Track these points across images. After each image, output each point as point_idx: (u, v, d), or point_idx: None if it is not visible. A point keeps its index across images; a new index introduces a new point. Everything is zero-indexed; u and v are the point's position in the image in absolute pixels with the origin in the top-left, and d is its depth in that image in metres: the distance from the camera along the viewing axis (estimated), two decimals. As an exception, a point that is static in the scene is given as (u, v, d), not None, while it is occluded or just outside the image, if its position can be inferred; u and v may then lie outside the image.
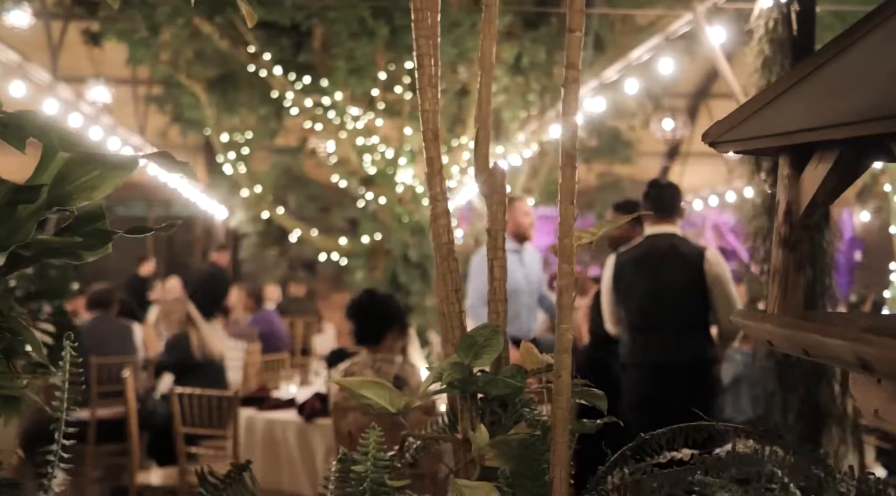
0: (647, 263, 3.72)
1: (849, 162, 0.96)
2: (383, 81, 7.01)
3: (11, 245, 0.89)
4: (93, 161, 0.91)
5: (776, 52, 3.09)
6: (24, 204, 0.87)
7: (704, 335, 3.63)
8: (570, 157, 1.00)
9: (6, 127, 0.99)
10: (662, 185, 4.05)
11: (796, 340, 0.96)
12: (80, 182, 0.91)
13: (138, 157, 0.92)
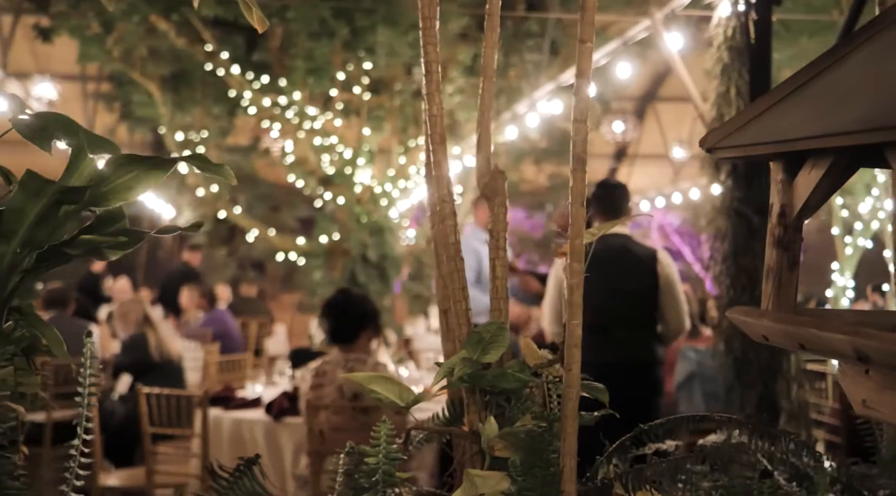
0: (601, 264, 3.78)
1: (841, 168, 1.03)
2: (342, 82, 7.02)
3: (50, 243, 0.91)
4: (131, 163, 0.93)
5: (734, 59, 3.20)
6: (69, 204, 0.89)
7: (653, 335, 3.73)
8: (581, 161, 1.05)
9: (31, 128, 1.01)
10: (611, 185, 4.09)
11: (793, 335, 1.02)
12: (117, 183, 0.93)
13: (175, 160, 0.95)
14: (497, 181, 1.30)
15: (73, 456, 1.14)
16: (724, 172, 3.15)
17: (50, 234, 0.91)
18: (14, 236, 0.88)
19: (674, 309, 3.61)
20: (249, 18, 1.44)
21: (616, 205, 3.87)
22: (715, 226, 3.18)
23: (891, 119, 0.86)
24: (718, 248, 3.14)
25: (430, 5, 1.25)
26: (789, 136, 1.03)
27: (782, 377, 3.08)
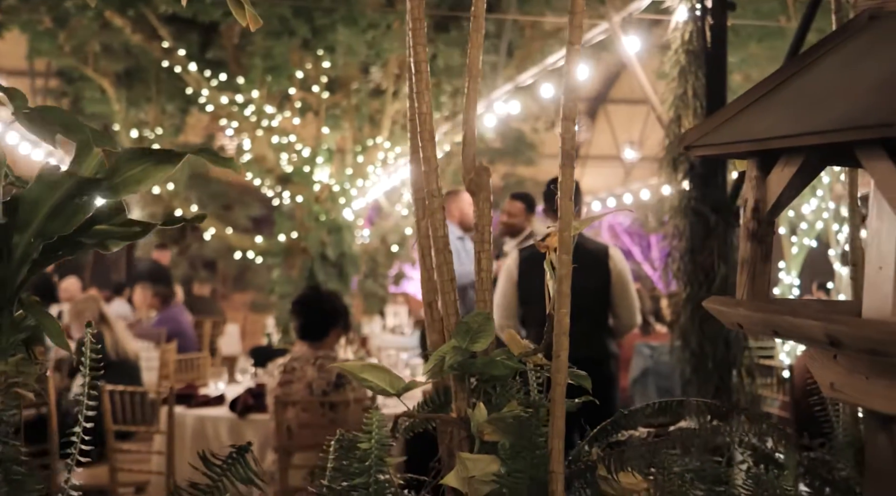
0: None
1: (812, 165, 1.10)
2: (300, 80, 7.01)
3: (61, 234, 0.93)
4: (142, 156, 0.96)
5: (691, 62, 3.29)
6: (84, 196, 0.91)
7: (606, 330, 3.80)
8: (570, 157, 1.10)
9: (33, 122, 1.03)
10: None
11: (768, 322, 1.08)
12: (127, 175, 0.96)
13: (184, 153, 0.98)
14: (482, 177, 1.34)
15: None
16: (681, 172, 3.24)
17: (62, 225, 0.93)
18: (28, 227, 0.91)
19: (626, 304, 3.69)
20: (239, 17, 1.46)
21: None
22: (673, 224, 3.27)
23: (861, 120, 0.92)
24: (676, 246, 3.23)
25: (419, 6, 1.29)
26: (764, 136, 1.09)
27: (737, 371, 3.18)
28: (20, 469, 1.05)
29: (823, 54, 1.12)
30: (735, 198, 3.16)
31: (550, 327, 1.29)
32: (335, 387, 3.21)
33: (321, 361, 3.28)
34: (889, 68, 0.97)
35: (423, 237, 1.36)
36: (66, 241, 0.94)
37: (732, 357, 3.17)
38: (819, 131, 0.99)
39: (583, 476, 1.22)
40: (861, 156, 0.98)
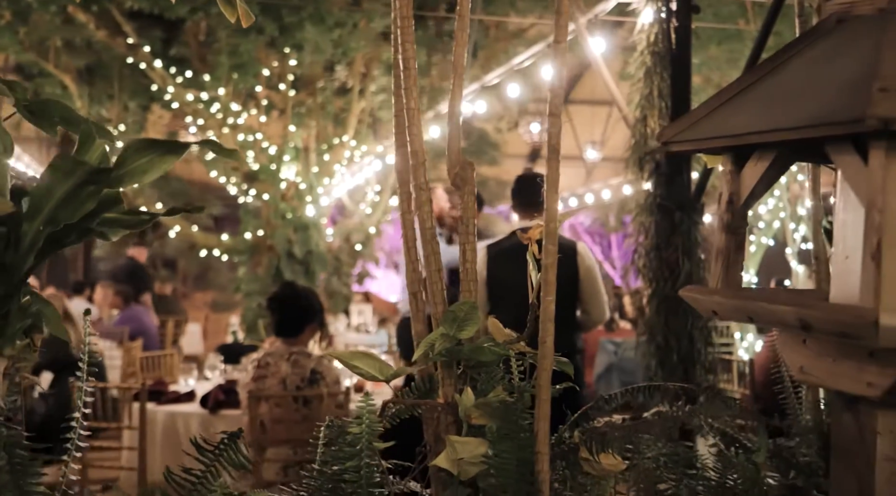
0: (519, 256, 3.85)
1: (784, 160, 1.16)
2: (267, 78, 7.00)
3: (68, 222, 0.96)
4: (148, 147, 0.99)
5: (656, 64, 3.37)
6: (95, 185, 0.94)
7: (574, 325, 3.86)
8: (555, 151, 1.15)
9: (34, 114, 1.06)
10: (530, 178, 4.11)
11: (743, 309, 1.14)
12: (134, 166, 0.99)
13: (188, 144, 1.01)
14: (467, 171, 1.38)
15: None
16: (647, 171, 3.32)
17: (71, 214, 0.96)
18: (38, 215, 0.93)
19: (595, 300, 3.75)
20: (228, 13, 1.49)
21: (535, 198, 3.91)
22: (639, 221, 3.34)
23: (831, 117, 0.99)
24: (642, 243, 3.30)
25: (407, 5, 1.33)
26: (738, 132, 1.15)
27: (700, 364, 3.27)
28: (24, 454, 1.07)
29: (794, 55, 1.18)
30: (699, 195, 3.25)
31: (534, 316, 1.34)
32: (309, 382, 3.23)
33: (295, 357, 3.30)
34: (856, 68, 1.04)
35: (409, 229, 1.40)
36: (71, 229, 0.96)
37: (696, 351, 3.26)
38: (791, 128, 1.05)
39: (565, 457, 1.27)
40: (831, 151, 1.04)
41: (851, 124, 0.94)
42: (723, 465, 1.47)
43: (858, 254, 1.01)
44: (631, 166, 3.40)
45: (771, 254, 8.25)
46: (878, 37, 1.05)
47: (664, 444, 1.43)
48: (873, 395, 1.07)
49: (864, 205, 0.98)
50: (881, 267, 0.95)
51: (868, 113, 0.90)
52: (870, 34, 1.08)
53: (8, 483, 1.03)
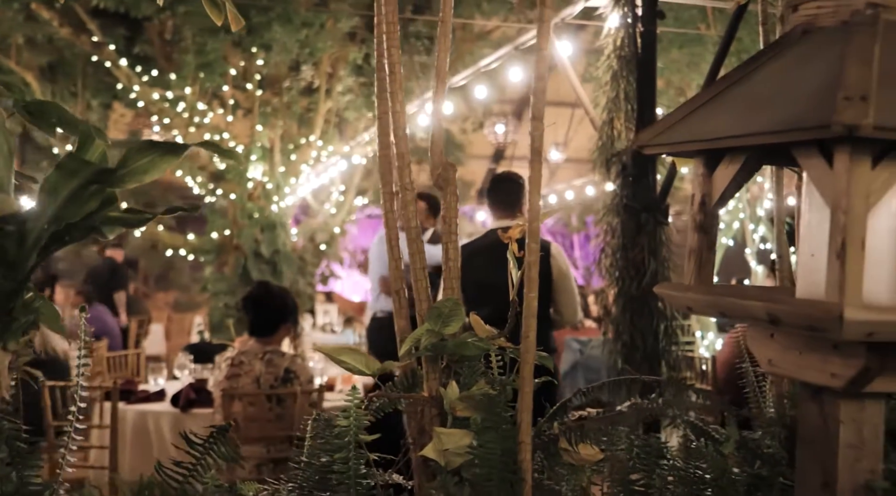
0: (494, 256, 3.91)
1: (753, 163, 1.22)
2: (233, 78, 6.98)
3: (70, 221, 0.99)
4: (149, 148, 1.02)
5: (623, 67, 3.44)
6: (100, 184, 0.97)
7: (548, 324, 3.92)
8: (538, 153, 1.20)
9: (33, 114, 1.09)
10: (505, 178, 4.13)
11: (715, 304, 1.20)
12: (135, 166, 1.02)
13: (187, 146, 1.05)
14: (448, 173, 1.43)
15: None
16: (614, 172, 3.39)
17: (75, 213, 0.99)
18: (44, 213, 0.96)
19: (568, 300, 3.81)
20: (214, 17, 1.52)
21: (510, 197, 3.95)
22: (605, 221, 3.41)
23: (799, 122, 1.05)
24: (609, 243, 3.37)
25: (393, 11, 1.37)
26: (710, 136, 1.21)
27: (665, 361, 3.34)
28: (23, 446, 1.10)
29: (763, 63, 1.24)
30: (664, 197, 3.33)
31: (514, 313, 1.39)
32: (283, 381, 3.26)
33: (269, 356, 3.32)
34: (821, 78, 1.10)
35: (392, 229, 1.44)
36: (75, 228, 0.99)
37: (661, 349, 3.33)
38: (761, 132, 1.11)
39: (545, 448, 1.32)
40: (798, 155, 1.11)
41: (818, 130, 1.00)
42: (693, 456, 1.53)
43: (824, 253, 1.07)
44: (598, 167, 3.46)
45: (730, 254, 8.41)
46: (840, 48, 1.11)
47: (637, 436, 1.49)
48: (837, 386, 1.14)
49: (829, 206, 1.04)
50: (845, 265, 1.01)
51: (834, 120, 0.96)
52: (833, 45, 1.14)
53: (9, 475, 1.05)
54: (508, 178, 4.15)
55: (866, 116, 0.96)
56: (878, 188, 1.04)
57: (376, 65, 1.48)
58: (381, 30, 1.41)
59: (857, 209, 1.01)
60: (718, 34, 6.48)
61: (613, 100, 3.44)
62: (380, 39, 1.45)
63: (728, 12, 5.25)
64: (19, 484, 1.06)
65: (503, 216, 3.99)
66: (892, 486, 1.16)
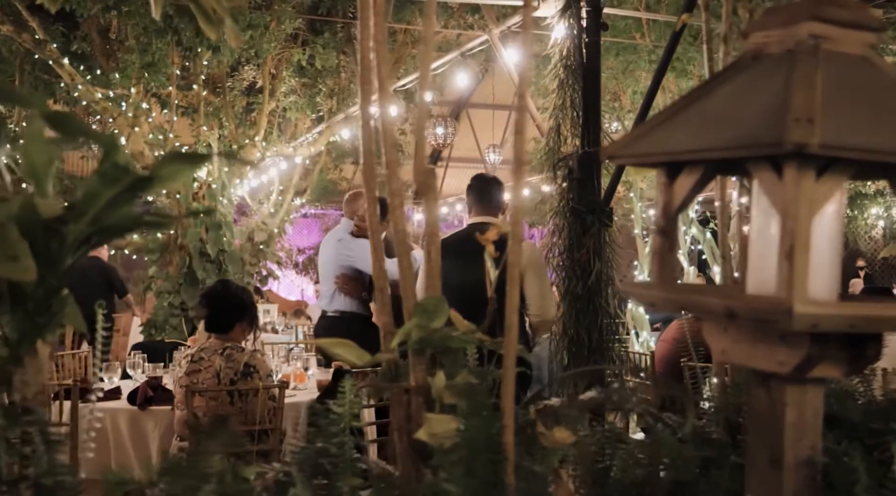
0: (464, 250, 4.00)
1: (710, 174, 1.37)
2: (179, 79, 6.96)
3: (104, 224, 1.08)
4: (176, 158, 1.12)
5: (569, 76, 3.61)
6: (138, 191, 1.06)
7: (521, 321, 4.04)
8: (522, 162, 1.33)
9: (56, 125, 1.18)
10: (486, 178, 4.30)
11: (677, 301, 1.34)
12: (162, 174, 1.11)
13: (209, 155, 1.15)
14: (429, 179, 1.55)
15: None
16: (560, 176, 3.55)
17: (111, 216, 1.08)
18: (84, 216, 1.05)
19: (531, 292, 3.93)
20: (208, 30, 1.61)
21: (489, 196, 4.11)
22: (553, 223, 3.57)
23: (753, 140, 1.19)
24: (556, 243, 3.53)
25: (381, 30, 1.48)
26: (672, 150, 1.35)
27: (608, 357, 3.52)
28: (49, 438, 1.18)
29: (717, 85, 1.39)
30: (608, 200, 3.50)
31: (492, 309, 1.52)
32: (243, 375, 3.33)
33: (228, 351, 3.39)
34: (771, 100, 1.25)
35: (376, 232, 1.55)
36: (109, 230, 1.09)
37: (605, 345, 3.50)
38: (719, 148, 1.25)
39: (522, 432, 1.44)
40: (751, 168, 1.25)
41: (771, 147, 1.14)
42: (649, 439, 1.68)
43: (773, 253, 1.22)
44: (546, 171, 3.62)
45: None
46: (786, 74, 1.26)
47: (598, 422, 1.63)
48: (783, 372, 1.29)
49: (778, 213, 1.19)
50: (793, 265, 1.16)
51: (785, 139, 1.11)
52: (779, 71, 1.29)
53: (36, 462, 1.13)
54: (488, 178, 4.33)
55: (812, 136, 1.11)
56: (820, 197, 1.19)
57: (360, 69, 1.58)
58: (366, 36, 1.51)
59: (804, 216, 1.16)
60: (653, 43, 6.74)
61: (560, 107, 3.60)
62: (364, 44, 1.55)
63: (661, 23, 5.48)
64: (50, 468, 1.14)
65: (481, 213, 4.15)
66: (829, 460, 1.32)
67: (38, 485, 1.10)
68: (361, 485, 1.32)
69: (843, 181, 1.22)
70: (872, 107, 1.25)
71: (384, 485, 1.23)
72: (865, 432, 1.57)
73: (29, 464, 1.10)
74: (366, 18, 1.57)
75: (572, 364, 3.45)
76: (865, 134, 1.17)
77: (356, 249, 5.24)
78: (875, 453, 1.47)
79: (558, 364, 3.53)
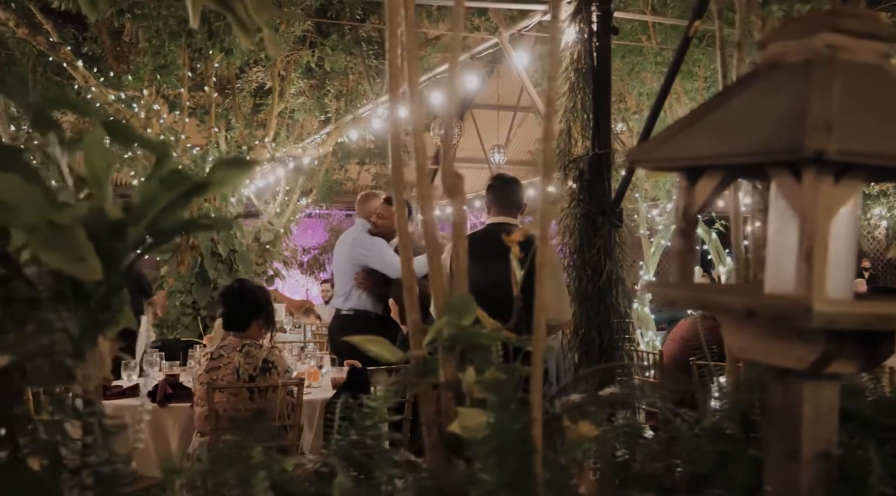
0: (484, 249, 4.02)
1: (730, 179, 1.43)
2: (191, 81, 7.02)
3: (166, 226, 1.14)
4: (227, 164, 1.18)
5: (579, 79, 3.67)
6: (195, 196, 1.12)
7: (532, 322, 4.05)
8: (549, 168, 1.39)
9: (113, 132, 1.24)
10: (506, 178, 4.29)
11: (698, 300, 1.40)
12: (216, 179, 1.17)
13: (257, 162, 1.21)
14: (458, 182, 1.61)
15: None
16: (571, 178, 3.61)
17: (169, 219, 1.14)
18: (143, 219, 1.11)
19: (555, 295, 3.97)
20: (245, 41, 1.67)
21: (508, 197, 4.13)
22: (564, 224, 3.63)
23: (773, 146, 1.25)
24: (567, 243, 3.59)
25: (412, 39, 1.54)
26: (694, 155, 1.41)
27: (620, 356, 3.58)
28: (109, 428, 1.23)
29: (737, 92, 1.44)
30: (619, 201, 3.56)
31: (519, 308, 1.58)
32: (261, 371, 3.40)
33: (247, 348, 3.47)
34: (788, 107, 1.31)
35: (404, 233, 1.61)
36: (166, 233, 1.15)
37: (615, 343, 3.57)
38: (739, 154, 1.31)
39: (548, 425, 1.50)
40: (771, 173, 1.31)
41: (791, 153, 1.20)
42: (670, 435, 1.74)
43: (791, 254, 1.28)
44: (557, 173, 3.68)
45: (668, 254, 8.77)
46: (804, 83, 1.32)
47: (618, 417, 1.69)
48: (800, 368, 1.34)
49: (797, 216, 1.25)
50: (812, 265, 1.22)
51: (805, 145, 1.17)
52: (797, 80, 1.35)
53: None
54: (508, 179, 4.33)
55: (831, 142, 1.17)
56: (837, 201, 1.25)
57: (388, 76, 1.64)
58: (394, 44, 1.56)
59: (822, 219, 1.22)
60: (659, 45, 6.80)
61: (571, 109, 3.66)
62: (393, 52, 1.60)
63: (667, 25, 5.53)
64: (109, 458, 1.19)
65: (500, 213, 4.16)
66: (844, 452, 1.38)
67: (98, 474, 1.16)
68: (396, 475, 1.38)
69: (858, 185, 1.28)
70: (886, 114, 1.31)
71: (421, 476, 1.29)
72: (876, 427, 1.63)
73: (89, 454, 1.16)
74: (394, 26, 1.63)
75: (584, 362, 3.51)
76: (880, 140, 1.23)
77: (370, 247, 5.32)
78: (886, 447, 1.53)
79: (570, 362, 3.59)
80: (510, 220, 4.16)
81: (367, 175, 12.43)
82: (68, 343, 1.13)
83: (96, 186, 1.14)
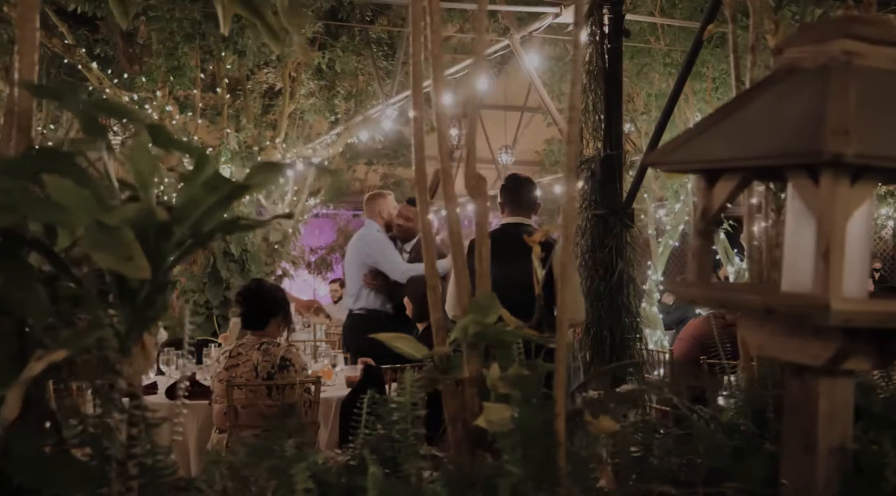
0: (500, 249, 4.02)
1: (748, 181, 1.47)
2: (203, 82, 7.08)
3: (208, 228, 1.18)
4: (265, 167, 1.22)
5: (591, 81, 3.71)
6: (236, 198, 1.17)
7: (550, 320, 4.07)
8: (573, 170, 1.43)
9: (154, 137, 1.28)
10: (519, 179, 4.29)
11: (718, 298, 1.44)
12: (253, 181, 1.22)
13: (291, 164, 1.25)
14: (481, 184, 1.65)
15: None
16: (582, 178, 3.65)
17: (210, 221, 1.19)
18: (185, 221, 1.16)
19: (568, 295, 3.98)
20: (274, 45, 1.71)
21: (522, 197, 4.15)
22: (576, 224, 3.67)
23: (791, 150, 1.29)
24: (579, 243, 3.63)
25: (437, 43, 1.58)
26: (713, 157, 1.45)
27: (628, 352, 3.62)
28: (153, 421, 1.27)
29: (754, 97, 1.48)
30: (630, 202, 3.60)
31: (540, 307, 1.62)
32: (279, 369, 3.47)
33: (265, 346, 3.54)
34: (806, 112, 1.34)
35: (428, 234, 1.65)
36: (207, 234, 1.20)
37: (626, 342, 3.61)
38: (758, 157, 1.35)
39: (570, 419, 1.55)
40: (789, 175, 1.35)
41: (809, 156, 1.24)
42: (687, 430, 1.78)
43: (808, 254, 1.31)
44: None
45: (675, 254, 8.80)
46: (821, 87, 1.36)
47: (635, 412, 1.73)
48: (817, 364, 1.38)
49: (815, 217, 1.29)
50: (829, 265, 1.26)
51: (823, 149, 1.21)
52: (814, 84, 1.39)
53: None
54: (523, 179, 4.32)
55: (848, 146, 1.21)
56: (853, 203, 1.29)
57: (412, 79, 1.67)
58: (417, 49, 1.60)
59: (839, 220, 1.26)
60: (667, 46, 6.83)
61: (582, 110, 3.70)
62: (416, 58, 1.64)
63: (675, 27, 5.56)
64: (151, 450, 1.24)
65: (514, 213, 4.16)
66: (859, 447, 1.41)
67: (142, 465, 1.21)
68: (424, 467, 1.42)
69: (874, 187, 1.32)
70: (901, 118, 1.35)
71: (451, 469, 1.33)
72: (887, 423, 1.66)
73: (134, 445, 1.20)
74: (417, 32, 1.68)
75: (595, 360, 3.55)
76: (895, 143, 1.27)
77: (371, 245, 5.38)
78: (898, 442, 1.56)
79: (582, 360, 3.63)
80: (524, 219, 4.17)
81: (375, 175, 12.49)
82: (115, 339, 1.17)
83: (143, 189, 1.18)
